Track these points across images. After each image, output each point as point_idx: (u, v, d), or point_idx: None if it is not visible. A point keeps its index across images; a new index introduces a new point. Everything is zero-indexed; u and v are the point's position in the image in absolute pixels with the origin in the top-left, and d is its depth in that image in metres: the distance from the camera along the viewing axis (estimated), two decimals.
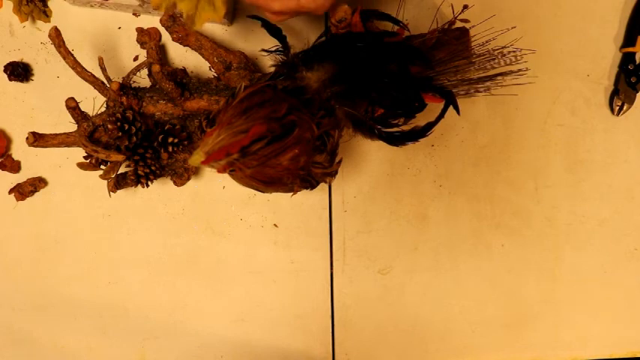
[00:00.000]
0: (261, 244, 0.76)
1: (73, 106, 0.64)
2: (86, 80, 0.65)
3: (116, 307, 0.75)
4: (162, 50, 0.72)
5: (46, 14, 0.72)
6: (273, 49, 0.62)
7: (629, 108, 0.79)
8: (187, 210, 0.75)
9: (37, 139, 0.64)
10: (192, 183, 0.74)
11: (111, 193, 0.67)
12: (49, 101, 0.73)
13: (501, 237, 0.78)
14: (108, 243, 0.75)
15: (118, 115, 0.64)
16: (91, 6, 0.72)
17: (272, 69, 0.62)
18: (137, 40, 0.71)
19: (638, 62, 0.78)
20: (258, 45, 0.69)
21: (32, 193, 0.73)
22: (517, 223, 0.79)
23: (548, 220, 0.79)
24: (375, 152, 0.77)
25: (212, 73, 0.72)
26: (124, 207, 0.74)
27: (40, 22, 0.72)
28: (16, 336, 0.75)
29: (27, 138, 0.64)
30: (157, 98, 0.67)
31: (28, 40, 0.73)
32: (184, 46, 0.68)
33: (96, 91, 0.66)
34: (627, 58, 0.78)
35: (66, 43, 0.64)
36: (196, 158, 0.53)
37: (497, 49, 0.68)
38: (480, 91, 0.67)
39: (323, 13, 0.58)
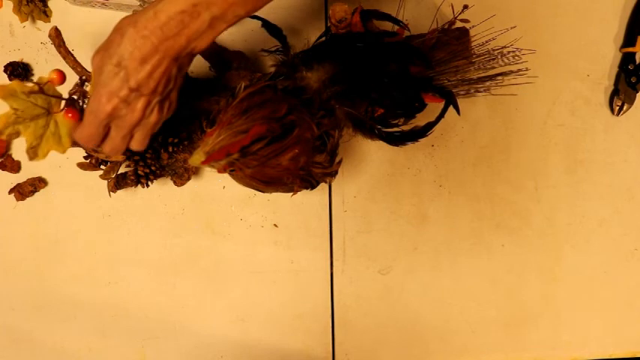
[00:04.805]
0: (261, 244, 0.76)
1: None
2: (86, 80, 0.65)
3: (116, 307, 0.75)
4: None
5: (46, 14, 0.72)
6: (273, 49, 0.62)
7: (629, 108, 0.79)
8: (187, 210, 0.75)
9: None
10: (192, 183, 0.74)
11: (111, 193, 0.67)
12: None
13: (501, 237, 0.78)
14: (108, 243, 0.75)
15: None
16: (92, 6, 0.72)
17: (272, 69, 0.62)
18: None
19: (638, 62, 0.78)
20: (258, 45, 0.69)
21: (32, 193, 0.73)
22: (517, 223, 0.79)
23: (548, 220, 0.79)
24: (375, 152, 0.77)
25: (212, 73, 0.71)
26: (124, 207, 0.74)
27: (40, 22, 0.72)
28: (16, 336, 0.74)
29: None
30: None
31: (28, 40, 0.73)
32: None
33: None
34: (627, 58, 0.78)
35: (66, 43, 0.64)
36: (197, 158, 0.53)
37: (497, 49, 0.68)
38: (480, 91, 0.67)
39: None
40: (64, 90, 0.60)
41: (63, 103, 0.58)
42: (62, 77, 0.62)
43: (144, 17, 0.48)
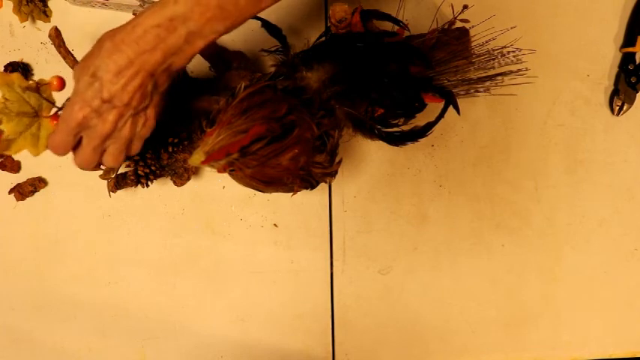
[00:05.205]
0: (261, 244, 0.76)
1: None
2: None
3: (116, 307, 0.75)
4: None
5: (46, 14, 0.72)
6: (273, 49, 0.62)
7: (629, 108, 0.79)
8: (187, 210, 0.75)
9: None
10: (192, 183, 0.74)
11: (111, 193, 0.67)
12: None
13: (501, 237, 0.78)
14: (108, 243, 0.75)
15: None
16: (92, 6, 0.72)
17: (272, 69, 0.62)
18: None
19: (638, 62, 0.78)
20: (258, 45, 0.69)
21: (32, 193, 0.73)
22: (517, 223, 0.79)
23: (548, 220, 0.79)
24: (375, 152, 0.77)
25: (212, 73, 0.71)
26: (124, 207, 0.74)
27: (40, 22, 0.72)
28: (16, 336, 0.74)
29: None
30: None
31: (28, 40, 0.73)
32: None
33: None
34: (627, 58, 0.78)
35: (66, 43, 0.64)
36: (196, 158, 0.53)
37: (497, 49, 0.68)
38: (480, 91, 0.67)
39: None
40: (62, 98, 0.60)
41: (54, 109, 0.58)
42: (62, 84, 0.62)
43: (122, 31, 0.49)
